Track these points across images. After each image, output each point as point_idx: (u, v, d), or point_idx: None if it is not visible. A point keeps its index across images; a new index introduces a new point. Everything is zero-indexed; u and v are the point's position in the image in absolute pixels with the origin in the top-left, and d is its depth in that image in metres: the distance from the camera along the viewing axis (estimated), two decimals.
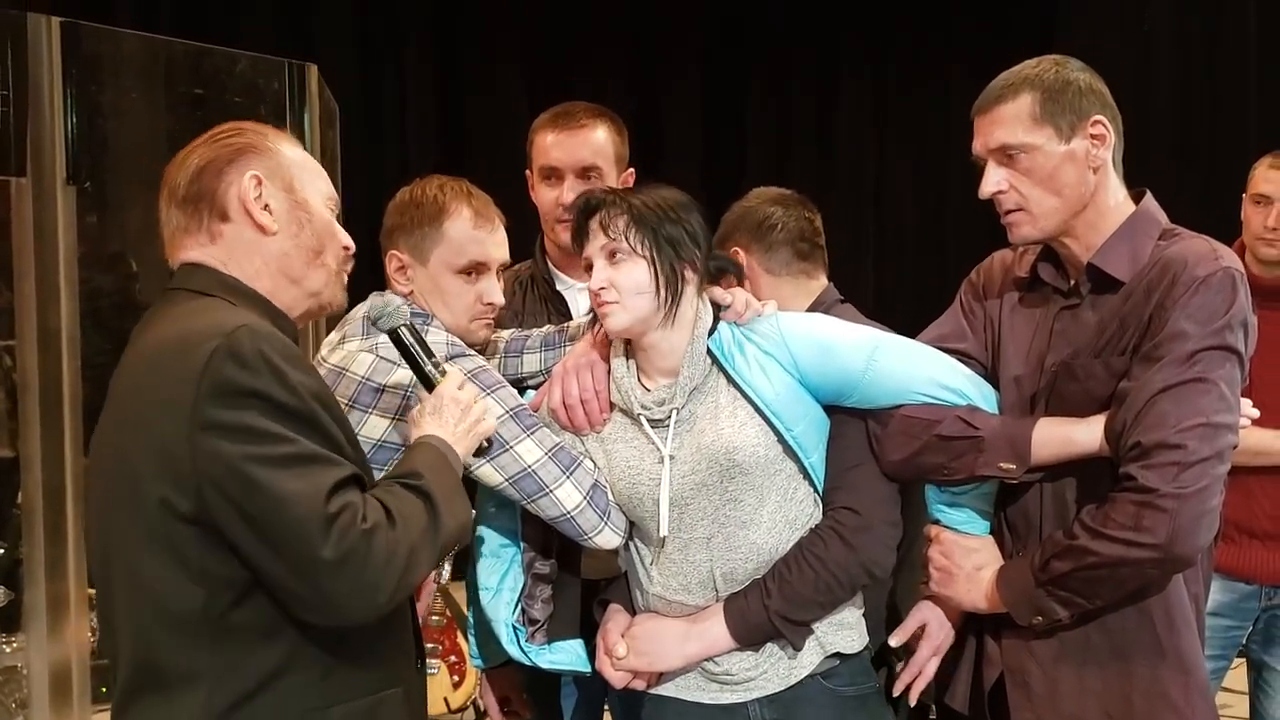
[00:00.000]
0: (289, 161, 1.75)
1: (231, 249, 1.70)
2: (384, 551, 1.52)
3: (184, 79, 3.40)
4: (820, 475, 2.06)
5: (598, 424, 2.09)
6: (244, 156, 1.71)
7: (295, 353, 1.58)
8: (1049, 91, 1.94)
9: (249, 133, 1.74)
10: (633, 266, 1.97)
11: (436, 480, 1.67)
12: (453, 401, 1.82)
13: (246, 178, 1.69)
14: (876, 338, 2.05)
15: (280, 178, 1.72)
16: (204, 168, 1.70)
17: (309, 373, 1.59)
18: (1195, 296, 1.85)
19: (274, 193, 1.71)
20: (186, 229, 1.71)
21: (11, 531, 2.93)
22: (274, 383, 1.52)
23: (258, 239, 1.70)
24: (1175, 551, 1.82)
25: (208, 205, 1.69)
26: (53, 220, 2.81)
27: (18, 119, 2.78)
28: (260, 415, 1.50)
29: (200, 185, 1.70)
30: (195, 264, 1.70)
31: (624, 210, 1.98)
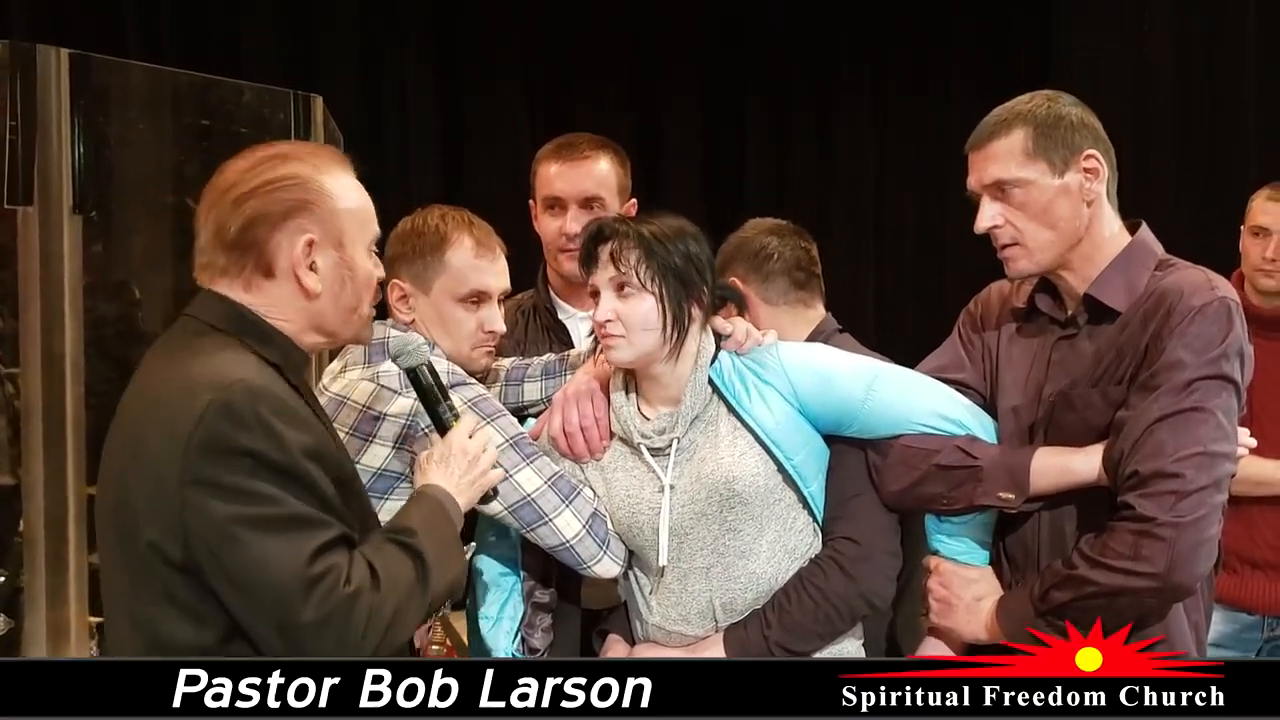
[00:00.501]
0: (342, 212, 1.69)
1: (267, 300, 1.68)
2: (365, 613, 1.51)
3: (190, 110, 3.43)
4: (820, 505, 2.07)
5: (597, 452, 2.09)
6: (300, 214, 1.66)
7: (292, 408, 1.57)
8: (1041, 127, 1.96)
9: (307, 183, 1.67)
10: (641, 301, 1.97)
11: (430, 537, 1.66)
12: (461, 452, 1.81)
13: (300, 242, 1.66)
14: (876, 368, 2.07)
15: (332, 235, 1.68)
16: (257, 219, 1.65)
17: (305, 428, 1.57)
18: (1191, 326, 1.86)
19: (323, 252, 1.68)
20: (226, 270, 1.67)
21: (12, 559, 2.94)
22: (266, 442, 1.51)
23: (298, 298, 1.68)
24: (1174, 580, 1.83)
25: (254, 258, 1.66)
26: (59, 249, 2.83)
27: (26, 149, 2.80)
28: (249, 475, 1.50)
29: (251, 236, 1.65)
30: (221, 296, 1.68)
31: (636, 244, 1.98)
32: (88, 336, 2.89)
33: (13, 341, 2.91)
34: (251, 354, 1.63)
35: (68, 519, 2.77)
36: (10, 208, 2.81)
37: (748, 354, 2.06)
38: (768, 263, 2.41)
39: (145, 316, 3.36)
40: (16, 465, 2.91)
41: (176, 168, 3.44)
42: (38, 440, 2.79)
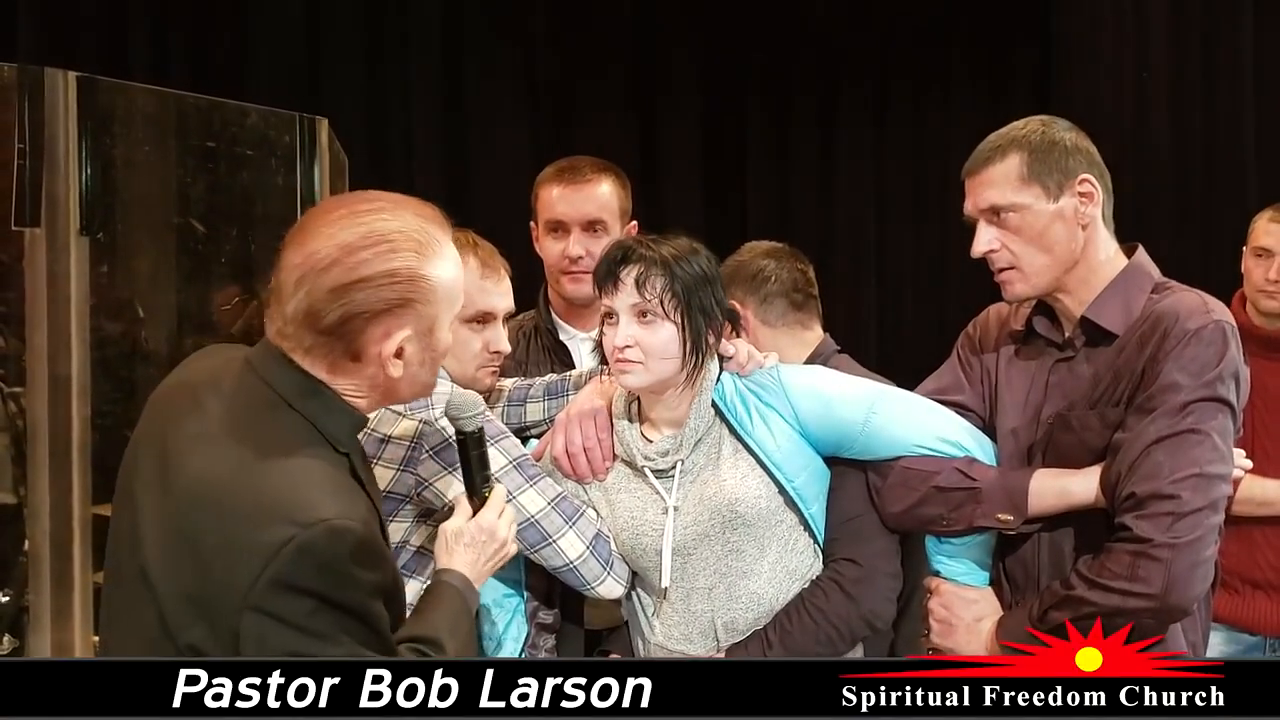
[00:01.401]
0: (438, 302, 1.61)
1: (349, 381, 1.62)
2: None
3: (196, 132, 3.45)
4: (820, 526, 2.08)
5: (600, 472, 2.10)
6: (404, 313, 1.58)
7: (370, 547, 1.53)
8: (1035, 152, 1.98)
9: (413, 280, 1.58)
10: (661, 329, 1.97)
11: (454, 636, 1.68)
12: (490, 536, 1.80)
13: (397, 339, 1.58)
14: (876, 390, 2.08)
15: (425, 324, 1.61)
16: (357, 315, 1.56)
17: (379, 565, 1.54)
18: (1187, 349, 1.87)
19: (412, 341, 1.61)
20: (310, 349, 1.59)
21: (17, 579, 2.94)
22: (338, 586, 1.49)
23: (378, 380, 1.63)
24: (1171, 601, 1.84)
25: (343, 346, 1.58)
26: (65, 270, 2.85)
27: (33, 171, 2.83)
28: (313, 614, 1.48)
29: (347, 329, 1.57)
30: (298, 367, 1.60)
31: (663, 272, 1.96)
32: (93, 357, 2.91)
33: (17, 361, 2.93)
34: (327, 446, 1.59)
35: (73, 539, 2.78)
36: (18, 229, 2.83)
37: (749, 376, 2.08)
38: (765, 285, 2.42)
39: (150, 337, 3.38)
40: (21, 485, 2.92)
41: (182, 189, 3.46)
42: (43, 460, 2.80)
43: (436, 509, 2.01)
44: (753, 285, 2.42)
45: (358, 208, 1.60)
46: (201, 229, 3.43)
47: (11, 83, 2.85)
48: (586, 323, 2.63)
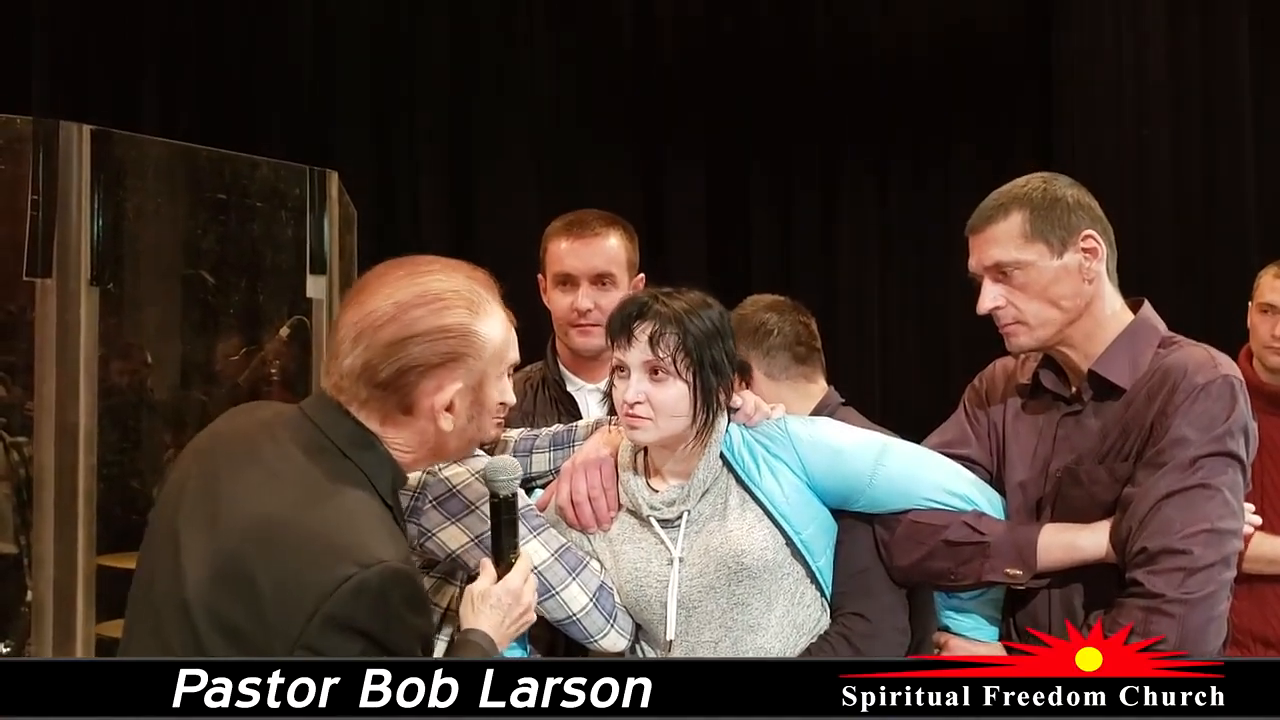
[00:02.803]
0: (489, 358, 1.69)
1: (400, 435, 1.68)
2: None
3: (207, 184, 3.49)
4: (828, 579, 2.06)
5: (605, 522, 2.10)
6: (455, 367, 1.66)
7: (421, 594, 1.60)
8: (1038, 209, 2.00)
9: (466, 336, 1.66)
10: (672, 387, 1.97)
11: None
12: (515, 600, 1.79)
13: (449, 393, 1.66)
14: (883, 443, 2.08)
15: (474, 379, 1.69)
16: (412, 368, 1.64)
17: (425, 612, 1.61)
18: (1196, 404, 1.87)
19: (463, 396, 1.68)
20: (365, 402, 1.66)
21: (20, 629, 2.93)
22: (388, 628, 1.53)
23: (429, 434, 1.69)
24: None
25: (396, 399, 1.65)
26: (76, 320, 2.87)
27: (46, 222, 2.85)
28: (359, 653, 1.52)
29: (401, 382, 1.64)
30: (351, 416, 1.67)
31: (677, 330, 1.96)
32: (101, 406, 2.92)
33: (23, 410, 2.94)
34: (377, 499, 1.64)
35: (76, 589, 2.78)
36: (29, 279, 2.85)
37: (756, 427, 2.08)
38: (768, 338, 2.43)
39: (158, 387, 3.39)
40: (24, 534, 2.92)
41: (193, 241, 3.49)
42: (49, 510, 2.80)
43: (439, 560, 2.00)
44: (756, 339, 2.43)
45: (414, 269, 1.69)
46: (211, 280, 3.45)
47: (26, 135, 2.89)
48: (594, 374, 2.64)
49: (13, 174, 2.88)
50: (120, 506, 3.28)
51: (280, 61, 5.56)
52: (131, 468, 3.15)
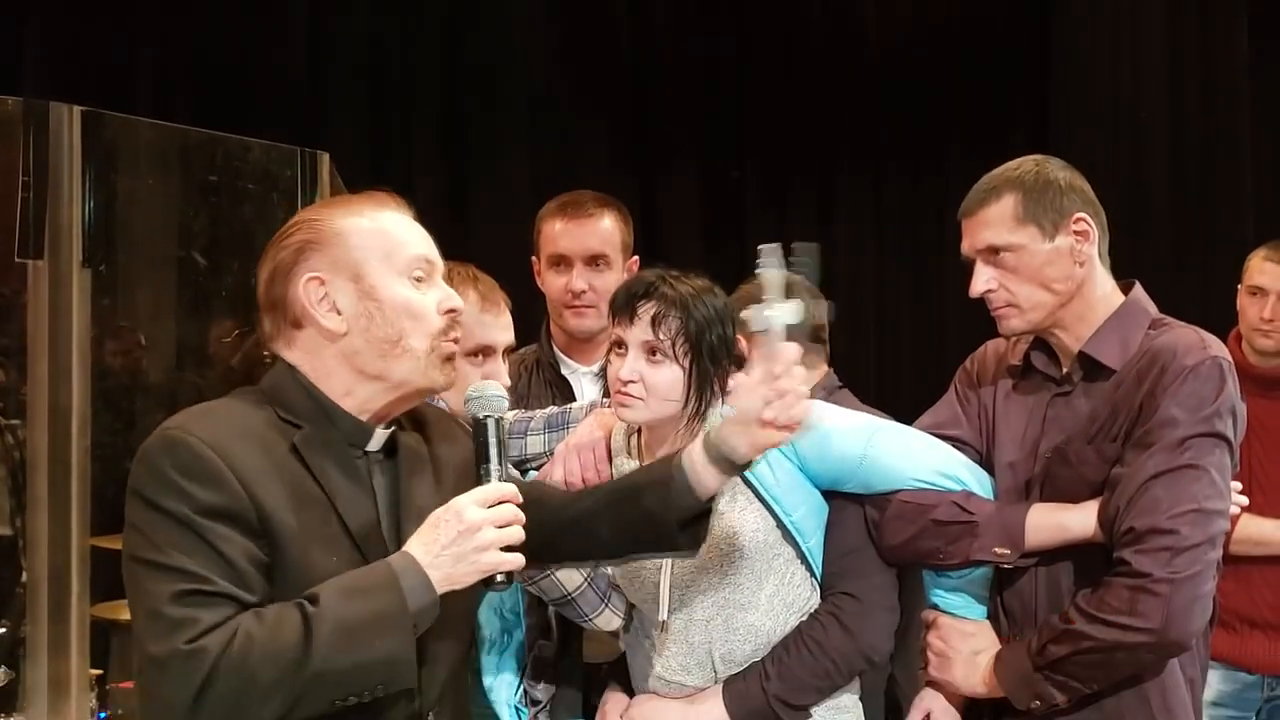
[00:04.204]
0: (355, 245, 1.65)
1: (308, 354, 1.66)
2: (203, 674, 1.45)
3: (199, 166, 3.47)
4: (818, 560, 2.08)
5: None
6: (304, 256, 1.64)
7: (206, 465, 1.53)
8: (1030, 192, 2.00)
9: (306, 225, 1.66)
10: (668, 370, 1.97)
11: (345, 607, 1.50)
12: (456, 517, 1.57)
13: (304, 281, 1.63)
14: (873, 425, 2.09)
15: (345, 269, 1.64)
16: (273, 274, 1.66)
17: (216, 487, 1.53)
18: (1184, 385, 1.89)
19: (340, 287, 1.63)
20: (270, 335, 1.69)
21: (14, 610, 2.93)
22: (161, 493, 1.53)
23: (328, 343, 1.65)
24: (1170, 636, 1.84)
25: (281, 312, 1.66)
26: (67, 302, 2.86)
27: (37, 204, 2.84)
28: (143, 515, 1.54)
29: (272, 293, 1.66)
30: (282, 361, 1.69)
31: (680, 314, 1.96)
32: (94, 389, 2.91)
33: (17, 393, 2.93)
34: (265, 411, 1.63)
35: (70, 570, 2.78)
36: (21, 261, 2.84)
37: None
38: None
39: (151, 369, 3.39)
40: (19, 516, 2.92)
41: (184, 223, 3.48)
42: (42, 491, 2.80)
43: None
44: None
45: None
46: (203, 262, 3.44)
47: (16, 116, 2.87)
48: (588, 357, 2.64)
49: (3, 156, 2.87)
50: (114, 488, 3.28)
51: (272, 43, 5.54)
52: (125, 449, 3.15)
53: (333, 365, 1.65)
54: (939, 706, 2.11)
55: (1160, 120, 5.25)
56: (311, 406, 1.65)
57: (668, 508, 1.71)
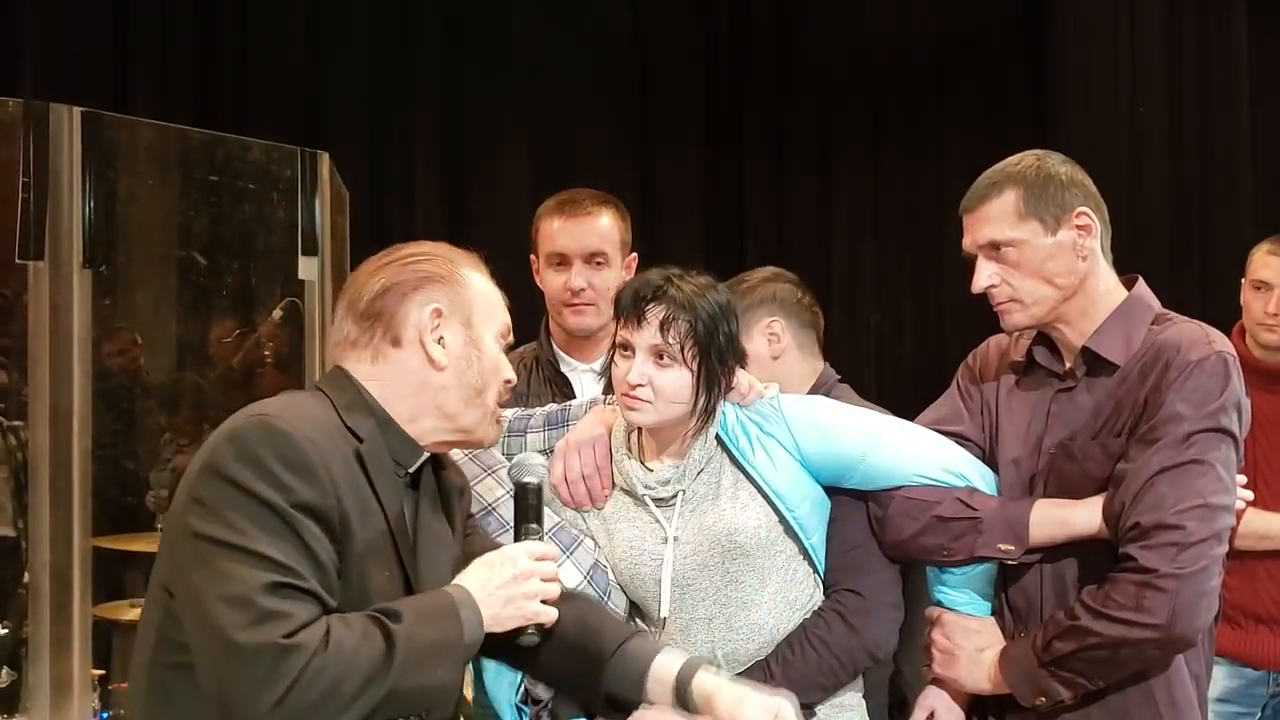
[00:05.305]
0: (473, 295, 1.72)
1: (391, 373, 1.68)
2: (296, 670, 1.44)
3: (199, 166, 3.48)
4: (821, 556, 2.07)
5: (600, 500, 2.10)
6: (430, 285, 1.69)
7: (305, 457, 1.53)
8: (1031, 187, 1.99)
9: (439, 260, 1.72)
10: (677, 374, 1.96)
11: (418, 628, 1.54)
12: (510, 561, 1.68)
13: (428, 310, 1.67)
14: (876, 421, 2.08)
15: (461, 312, 1.70)
16: (389, 289, 1.68)
17: (313, 483, 1.53)
18: (1189, 380, 1.88)
19: (452, 327, 1.69)
20: (355, 342, 1.69)
21: (16, 611, 2.94)
22: (258, 479, 1.50)
23: (423, 371, 1.68)
24: (1176, 632, 1.83)
25: (383, 327, 1.68)
26: (68, 302, 2.86)
27: (38, 205, 2.84)
28: (232, 504, 1.49)
29: (381, 305, 1.68)
30: (344, 371, 1.69)
31: (689, 317, 1.95)
32: (95, 389, 2.91)
33: (19, 394, 2.93)
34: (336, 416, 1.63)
35: (73, 571, 2.78)
36: (21, 262, 2.84)
37: (750, 406, 2.08)
38: (804, 313, 2.47)
39: (151, 369, 3.39)
40: (21, 517, 2.92)
41: (184, 223, 3.48)
42: (44, 492, 2.80)
43: None
44: (795, 309, 2.48)
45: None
46: (203, 262, 3.45)
47: (16, 118, 2.87)
48: (588, 354, 2.64)
49: (4, 157, 2.87)
50: (115, 489, 3.29)
51: (271, 43, 5.54)
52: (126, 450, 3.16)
53: (410, 392, 1.69)
54: (943, 704, 2.10)
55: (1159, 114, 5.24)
56: (374, 424, 1.66)
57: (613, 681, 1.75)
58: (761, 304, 2.44)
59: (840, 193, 6.00)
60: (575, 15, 5.81)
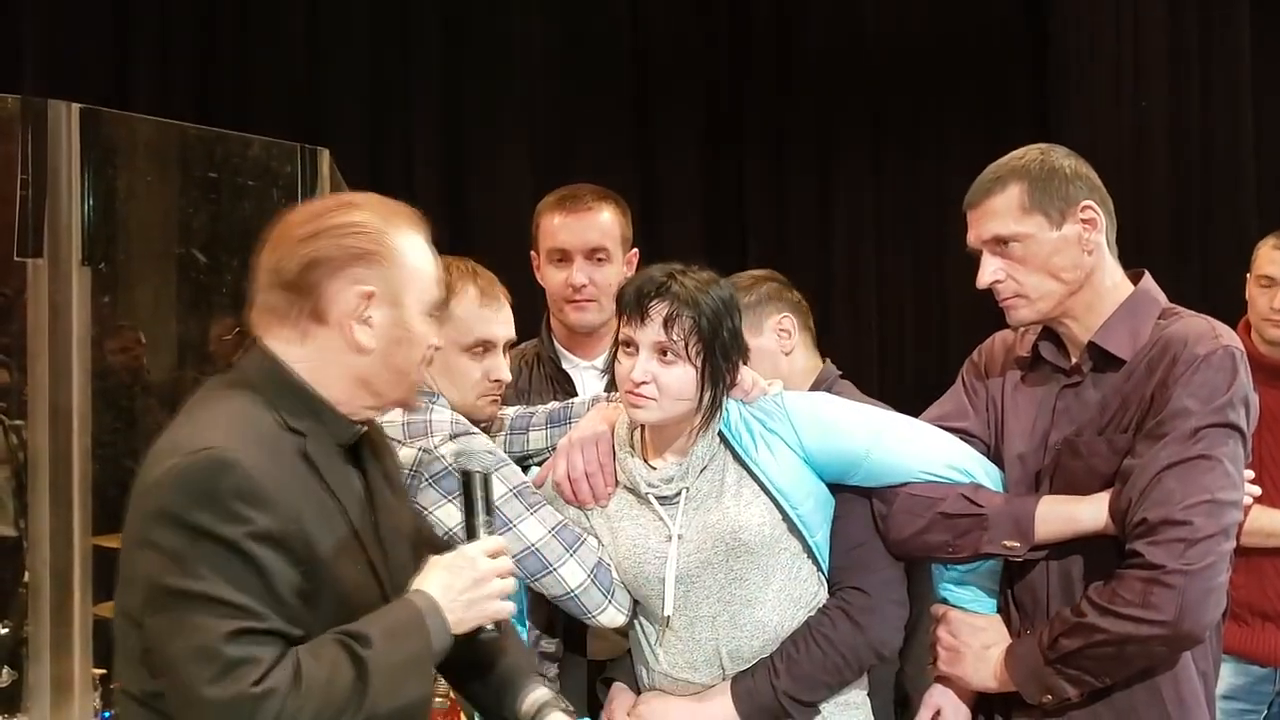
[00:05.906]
0: (405, 274, 1.64)
1: (316, 352, 1.62)
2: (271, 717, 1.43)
3: (198, 163, 3.46)
4: (825, 554, 2.06)
5: (603, 498, 2.09)
6: (363, 263, 1.61)
7: (257, 489, 1.49)
8: (1036, 181, 1.98)
9: (374, 234, 1.62)
10: (682, 371, 1.95)
11: (388, 651, 1.53)
12: (470, 565, 1.66)
13: (357, 291, 1.60)
14: (880, 417, 2.07)
15: (391, 292, 1.62)
16: (318, 262, 1.60)
17: (269, 510, 1.50)
18: (1196, 374, 1.87)
19: (380, 309, 1.62)
20: (278, 313, 1.62)
21: (17, 610, 2.92)
22: (214, 519, 1.46)
23: (347, 353, 1.62)
24: (1184, 628, 1.82)
25: (309, 303, 1.60)
26: (67, 300, 2.84)
27: (36, 202, 2.83)
28: (189, 545, 1.46)
29: (308, 279, 1.60)
30: (267, 352, 1.63)
31: (693, 314, 1.93)
32: (95, 387, 2.90)
33: (18, 393, 2.92)
34: (271, 417, 1.59)
35: (73, 570, 2.76)
36: (20, 260, 2.83)
37: (753, 403, 2.07)
38: (804, 311, 2.48)
39: (152, 367, 3.38)
40: (22, 517, 2.91)
41: (184, 220, 3.47)
42: (44, 491, 2.78)
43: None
44: (801, 308, 2.48)
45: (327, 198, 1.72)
46: (203, 259, 3.43)
47: (15, 114, 2.86)
48: (589, 351, 2.63)
49: (2, 154, 2.86)
50: (115, 488, 3.26)
51: (271, 42, 5.53)
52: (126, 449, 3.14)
53: (338, 374, 1.64)
54: (949, 702, 2.09)
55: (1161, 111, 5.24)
56: (306, 407, 1.62)
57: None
58: (769, 300, 2.43)
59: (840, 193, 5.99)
60: (575, 15, 5.80)
